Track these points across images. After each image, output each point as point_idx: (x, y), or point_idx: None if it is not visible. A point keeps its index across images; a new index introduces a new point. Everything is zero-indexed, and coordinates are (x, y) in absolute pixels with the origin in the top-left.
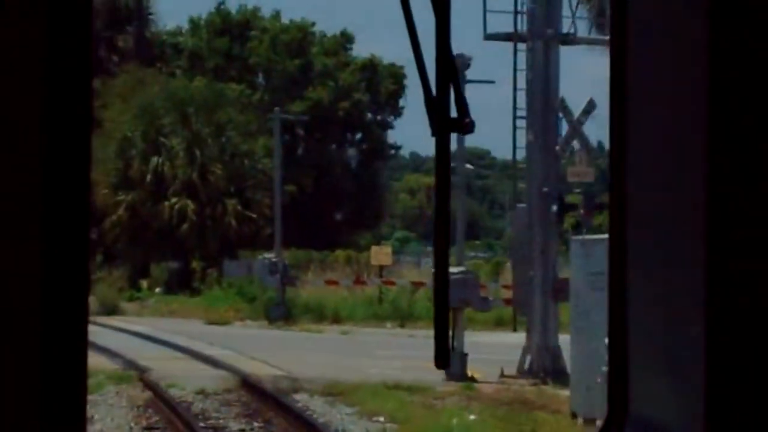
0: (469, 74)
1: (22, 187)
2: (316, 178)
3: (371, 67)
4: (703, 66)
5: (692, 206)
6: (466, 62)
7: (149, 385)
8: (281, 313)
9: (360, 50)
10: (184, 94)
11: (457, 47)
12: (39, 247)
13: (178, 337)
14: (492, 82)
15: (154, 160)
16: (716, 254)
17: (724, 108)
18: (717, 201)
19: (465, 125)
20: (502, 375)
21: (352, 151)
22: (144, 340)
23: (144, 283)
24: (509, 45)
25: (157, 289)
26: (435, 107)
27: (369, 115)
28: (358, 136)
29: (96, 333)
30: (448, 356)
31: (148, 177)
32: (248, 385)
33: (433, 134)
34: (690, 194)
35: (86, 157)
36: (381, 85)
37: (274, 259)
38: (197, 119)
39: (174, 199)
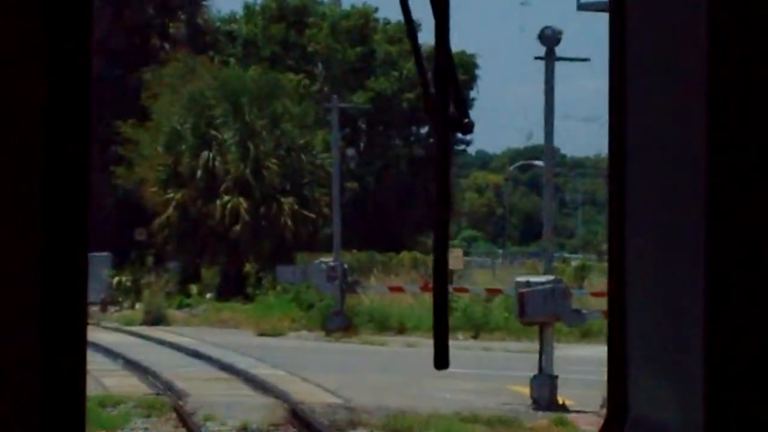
0: (559, 51)
1: (22, 187)
2: (379, 174)
3: None
4: (703, 68)
5: (692, 209)
6: (556, 36)
7: (183, 418)
8: (340, 323)
9: (426, 38)
10: (237, 83)
11: (546, 20)
12: (39, 246)
13: (225, 351)
14: (586, 59)
15: (205, 154)
16: (716, 255)
17: (725, 111)
18: (717, 203)
19: (465, 125)
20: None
21: (417, 146)
22: (187, 356)
23: (194, 289)
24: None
25: (208, 295)
26: (434, 107)
27: None
28: (425, 129)
29: (137, 347)
30: (447, 356)
31: (199, 173)
32: (298, 417)
33: (433, 134)
34: (690, 197)
35: (86, 157)
36: None
37: (332, 263)
38: (251, 110)
39: (226, 198)
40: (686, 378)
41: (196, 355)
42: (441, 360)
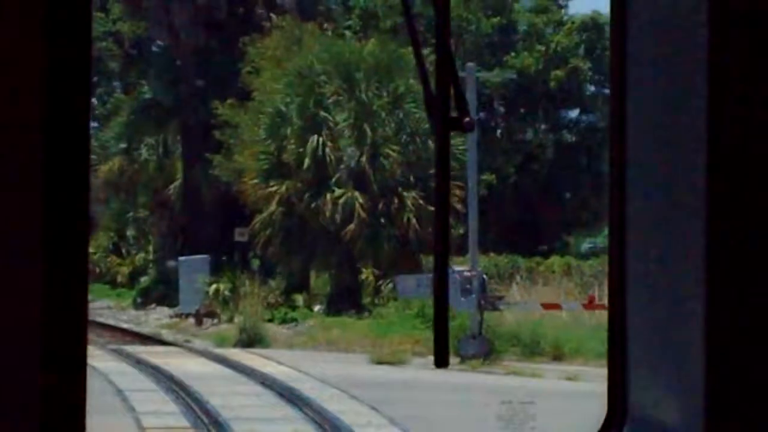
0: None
1: (22, 186)
2: (521, 164)
3: (594, 27)
4: (703, 65)
5: (692, 207)
6: None
7: None
8: (479, 348)
9: (578, 6)
10: (352, 56)
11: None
12: (40, 246)
13: (330, 392)
14: None
15: (314, 140)
16: (716, 255)
17: (724, 106)
18: (717, 202)
19: (465, 124)
20: None
21: (566, 132)
22: (278, 398)
23: (300, 299)
24: None
25: (317, 307)
26: (435, 106)
27: (590, 87)
28: (575, 113)
29: (215, 383)
30: (447, 356)
31: (306, 162)
32: None
33: (433, 133)
34: (690, 196)
35: (86, 157)
36: (606, 51)
37: (467, 273)
38: (368, 88)
39: (338, 191)
40: (686, 378)
41: (290, 397)
42: (441, 359)
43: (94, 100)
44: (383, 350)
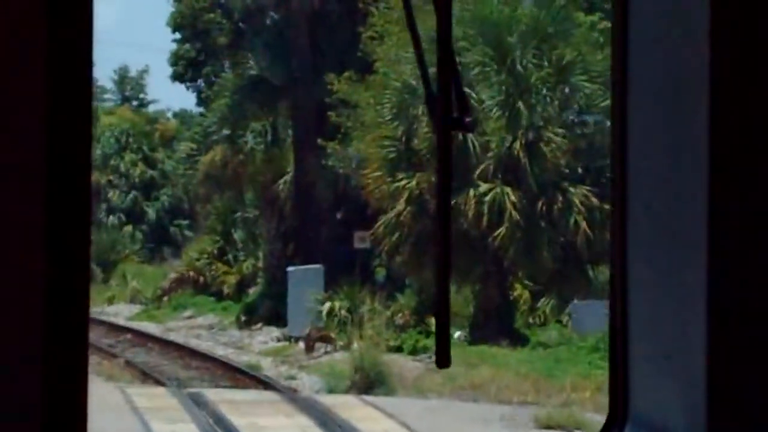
0: None
1: (24, 187)
2: None
3: None
4: (705, 64)
5: (694, 207)
6: None
7: None
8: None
9: None
10: (502, 17)
11: None
12: (42, 246)
13: None
14: None
15: None
16: (717, 255)
17: (726, 106)
18: (718, 202)
19: (466, 124)
20: None
21: None
22: None
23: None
24: None
25: (457, 333)
26: (436, 105)
27: None
28: None
29: None
30: (448, 356)
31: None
32: None
33: (434, 132)
34: (692, 196)
35: (87, 157)
36: None
37: None
38: (524, 56)
39: (484, 186)
40: (688, 379)
41: None
42: (442, 359)
43: (200, 82)
44: (553, 399)
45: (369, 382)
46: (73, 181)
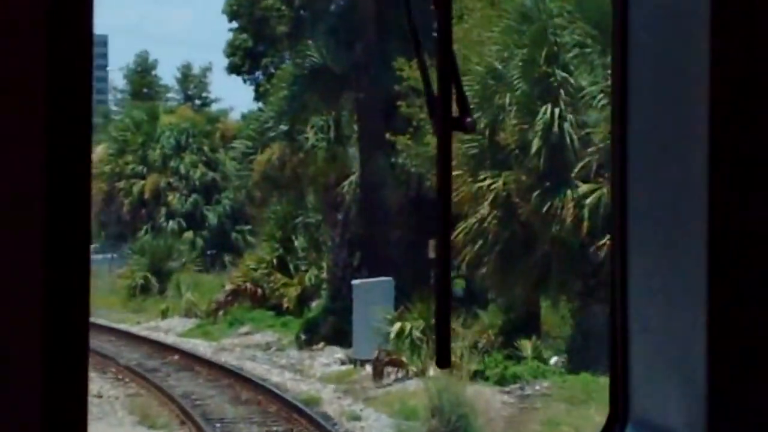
0: None
1: (24, 189)
2: None
3: None
4: (705, 64)
5: (694, 208)
6: None
7: None
8: None
9: None
10: None
11: None
12: (41, 247)
13: None
14: None
15: (546, 111)
16: (718, 256)
17: (726, 106)
18: (719, 203)
19: (466, 124)
20: None
21: None
22: None
23: (528, 345)
24: None
25: (554, 359)
26: (436, 106)
27: None
28: None
29: None
30: (449, 356)
31: (535, 144)
32: None
33: (435, 133)
34: (692, 196)
35: (87, 157)
36: None
37: None
38: None
39: (584, 187)
40: (688, 379)
41: None
42: (443, 359)
43: (258, 74)
44: None
45: (449, 425)
46: (73, 182)
